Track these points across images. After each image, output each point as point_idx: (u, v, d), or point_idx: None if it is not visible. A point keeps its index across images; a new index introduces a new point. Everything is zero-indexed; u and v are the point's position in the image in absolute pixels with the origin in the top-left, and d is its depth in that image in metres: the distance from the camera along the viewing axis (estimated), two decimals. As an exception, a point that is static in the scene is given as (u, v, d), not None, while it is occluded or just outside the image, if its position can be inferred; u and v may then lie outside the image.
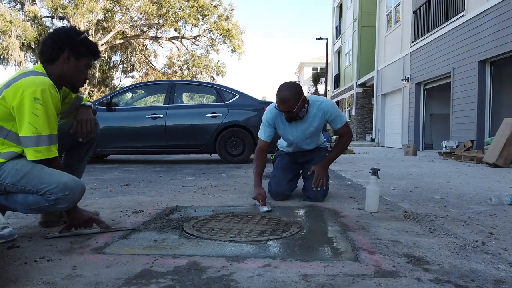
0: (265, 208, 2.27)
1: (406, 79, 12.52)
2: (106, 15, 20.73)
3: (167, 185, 3.53)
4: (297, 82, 2.51)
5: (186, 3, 21.57)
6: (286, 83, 2.47)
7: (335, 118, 2.60)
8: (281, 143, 2.94)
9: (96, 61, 1.92)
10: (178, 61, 24.28)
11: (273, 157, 3.17)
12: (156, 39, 23.37)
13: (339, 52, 24.60)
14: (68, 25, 18.54)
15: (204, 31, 23.05)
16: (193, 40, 23.58)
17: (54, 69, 1.69)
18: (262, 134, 2.65)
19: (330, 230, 1.87)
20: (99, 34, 20.91)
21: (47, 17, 20.44)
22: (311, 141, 2.76)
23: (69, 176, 1.59)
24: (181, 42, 23.85)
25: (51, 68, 1.69)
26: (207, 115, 5.86)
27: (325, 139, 3.01)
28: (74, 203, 1.61)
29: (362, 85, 19.31)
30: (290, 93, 2.37)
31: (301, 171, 2.88)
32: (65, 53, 1.68)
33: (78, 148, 1.94)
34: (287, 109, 2.41)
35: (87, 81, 1.88)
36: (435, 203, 2.61)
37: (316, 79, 32.39)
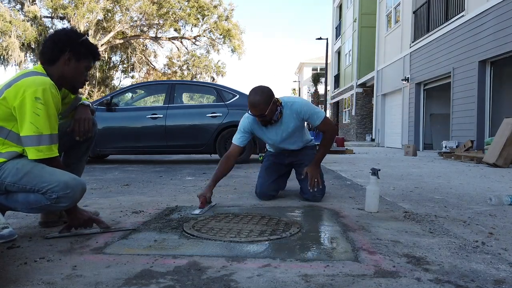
0: (196, 211, 2.21)
1: (406, 79, 12.52)
2: (106, 15, 20.74)
3: (167, 185, 3.53)
4: (267, 86, 2.49)
5: (186, 3, 21.58)
6: (256, 88, 2.47)
7: (311, 116, 2.57)
8: (269, 146, 2.98)
9: (95, 63, 1.93)
10: (178, 61, 24.29)
11: (261, 158, 3.19)
12: (156, 39, 23.38)
13: (339, 52, 24.60)
14: (68, 25, 18.61)
15: (204, 31, 23.07)
16: (193, 40, 23.59)
17: (54, 70, 1.70)
18: (236, 138, 2.65)
19: (330, 230, 1.87)
20: (99, 34, 20.92)
21: (47, 17, 20.47)
22: (294, 141, 2.76)
23: (70, 175, 1.60)
24: (181, 42, 23.88)
25: (51, 69, 1.69)
26: (207, 115, 5.86)
27: (313, 138, 2.99)
28: (75, 202, 1.61)
29: (362, 85, 19.31)
30: (260, 97, 2.39)
31: (295, 174, 2.88)
32: (66, 54, 1.69)
33: (76, 148, 1.95)
34: (258, 113, 2.42)
35: (87, 82, 1.89)
36: (435, 203, 2.61)
37: (316, 79, 32.41)
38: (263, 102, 2.38)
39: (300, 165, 2.79)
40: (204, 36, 23.29)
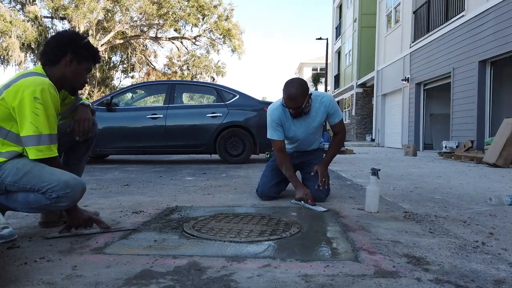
0: (321, 208, 2.29)
1: (406, 79, 12.52)
2: (106, 15, 20.74)
3: (167, 185, 3.53)
4: (302, 78, 2.53)
5: (186, 3, 21.57)
6: (293, 80, 2.49)
7: (335, 112, 2.65)
8: None
9: (95, 65, 1.94)
10: (178, 61, 24.28)
11: (268, 155, 3.19)
12: (156, 39, 23.37)
13: (339, 52, 24.60)
14: (69, 25, 18.62)
15: (204, 31, 23.06)
16: (193, 40, 23.58)
17: (55, 71, 1.70)
18: (275, 135, 2.62)
19: (330, 230, 1.87)
20: (99, 34, 20.91)
21: (47, 17, 20.46)
22: (314, 140, 2.79)
23: (70, 174, 1.60)
24: (181, 42, 23.86)
25: (52, 70, 1.70)
26: (207, 115, 5.87)
27: (322, 140, 3.02)
28: (75, 201, 1.61)
29: (362, 85, 19.31)
30: (298, 90, 2.41)
31: (301, 173, 2.88)
32: (68, 56, 1.71)
33: (76, 148, 1.95)
34: (296, 105, 2.44)
35: (87, 84, 1.90)
36: (435, 203, 2.61)
37: (316, 79, 32.39)
38: (301, 94, 2.42)
39: (309, 165, 2.79)
40: (204, 36, 23.28)
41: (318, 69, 37.22)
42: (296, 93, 2.41)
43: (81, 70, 1.76)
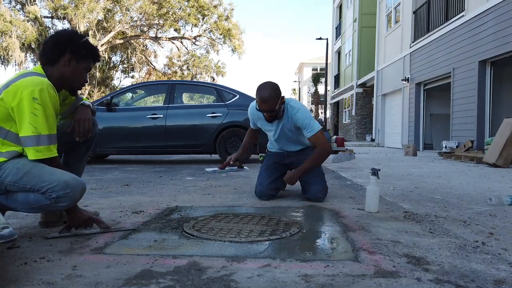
0: (210, 169, 2.29)
1: (406, 79, 12.52)
2: (106, 15, 20.74)
3: (167, 185, 3.53)
4: (275, 82, 2.53)
5: (186, 3, 21.57)
6: (266, 83, 2.50)
7: (305, 127, 2.53)
8: (270, 144, 2.98)
9: (95, 64, 1.93)
10: (178, 61, 24.29)
11: (261, 158, 3.20)
12: (156, 39, 23.37)
13: (339, 52, 24.59)
14: (69, 25, 18.60)
15: (204, 31, 23.06)
16: (193, 40, 23.58)
17: (54, 71, 1.70)
18: (250, 124, 2.90)
19: (330, 230, 1.87)
20: (99, 34, 20.91)
21: (47, 17, 20.46)
22: (291, 142, 2.78)
23: (70, 174, 1.60)
24: (181, 42, 23.87)
25: (51, 70, 1.70)
26: (207, 115, 5.86)
27: None
28: (74, 201, 1.61)
29: (362, 85, 19.31)
30: (271, 92, 2.42)
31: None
32: (67, 55, 1.70)
33: (77, 148, 1.95)
34: (268, 108, 2.44)
35: (87, 83, 1.89)
36: (435, 203, 2.61)
37: (316, 79, 32.40)
38: (273, 97, 2.42)
39: (296, 163, 2.78)
40: (204, 36, 23.28)
41: (318, 69, 37.23)
42: (269, 95, 2.40)
43: (80, 69, 1.75)
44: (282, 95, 2.49)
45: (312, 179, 2.64)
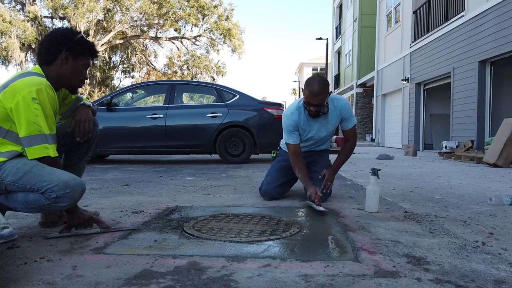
0: (321, 208, 2.23)
1: (406, 79, 12.52)
2: (106, 15, 20.74)
3: (167, 185, 3.53)
4: (323, 76, 2.52)
5: (186, 3, 21.57)
6: (315, 77, 2.47)
7: (349, 117, 2.63)
8: (283, 144, 2.93)
9: (95, 61, 1.92)
10: (178, 61, 24.27)
11: (274, 154, 3.17)
12: (156, 39, 23.37)
13: (339, 52, 24.59)
14: (68, 25, 18.58)
15: (204, 31, 23.06)
16: (193, 40, 23.58)
17: (52, 70, 1.69)
18: (290, 139, 2.59)
19: (330, 230, 1.87)
20: (99, 34, 20.92)
21: (47, 17, 20.46)
22: (326, 141, 2.79)
23: (70, 174, 1.60)
24: (181, 42, 23.86)
25: (49, 69, 1.69)
26: (207, 115, 5.86)
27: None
28: (74, 201, 1.61)
29: (362, 85, 19.30)
30: (321, 86, 2.38)
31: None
32: (63, 54, 1.68)
33: (77, 148, 1.94)
34: (319, 102, 2.40)
35: (87, 82, 1.89)
36: (435, 203, 2.61)
37: (316, 79, 32.31)
38: (323, 91, 2.39)
39: (314, 164, 2.78)
40: (204, 36, 23.28)
41: (318, 69, 37.22)
42: (319, 89, 2.37)
43: (78, 67, 1.73)
44: (330, 90, 2.47)
45: (319, 178, 2.64)
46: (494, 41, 7.85)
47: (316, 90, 2.37)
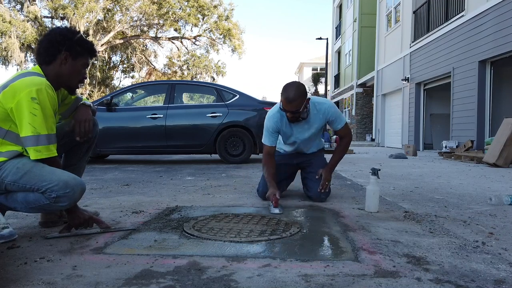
0: (276, 210, 2.23)
1: (406, 79, 12.53)
2: (106, 15, 20.74)
3: (167, 185, 3.53)
4: (301, 82, 2.51)
5: (186, 3, 21.57)
6: (291, 83, 2.46)
7: (336, 119, 2.61)
8: (279, 144, 2.93)
9: (94, 60, 1.92)
10: (178, 61, 24.27)
11: None
12: (156, 39, 23.37)
13: (339, 52, 24.59)
14: (68, 25, 18.57)
15: (204, 31, 23.05)
16: (193, 40, 23.58)
17: (51, 70, 1.69)
18: (267, 140, 2.61)
19: (330, 230, 1.87)
20: (99, 34, 20.91)
21: (47, 17, 20.46)
22: (313, 143, 2.77)
23: (70, 174, 1.60)
24: (181, 42, 23.86)
25: (48, 69, 1.69)
26: (207, 115, 5.86)
27: (322, 140, 3.01)
28: (74, 201, 1.61)
29: (362, 85, 19.30)
30: (296, 93, 2.37)
31: (300, 172, 2.88)
32: (62, 54, 1.68)
33: (77, 148, 1.94)
34: (293, 109, 2.40)
35: (87, 81, 1.89)
36: (435, 203, 2.61)
37: (316, 79, 32.40)
38: (299, 97, 2.37)
39: (309, 165, 2.78)
40: (204, 36, 23.28)
41: (318, 69, 37.20)
42: (294, 96, 2.36)
43: (77, 67, 1.73)
44: (307, 96, 2.45)
45: (316, 178, 2.64)
46: (494, 41, 7.85)
47: (291, 97, 2.36)
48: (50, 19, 20.38)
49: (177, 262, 1.37)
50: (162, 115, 5.80)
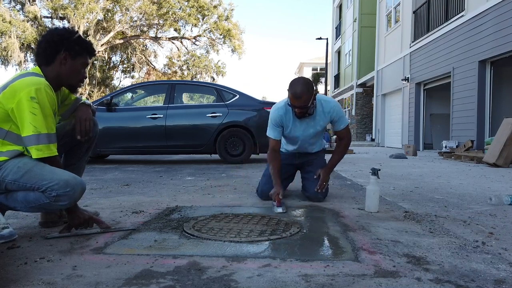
0: (279, 209, 2.24)
1: (406, 79, 12.53)
2: (106, 15, 20.74)
3: (167, 185, 3.53)
4: (308, 78, 2.51)
5: (186, 3, 21.58)
6: (299, 78, 2.46)
7: (340, 119, 2.62)
8: (281, 144, 2.93)
9: (94, 60, 1.92)
10: (178, 61, 24.28)
11: None
12: (156, 39, 23.37)
13: (339, 52, 24.59)
14: (68, 25, 18.58)
15: (204, 31, 23.06)
16: (193, 40, 23.59)
17: (51, 71, 1.70)
18: (272, 133, 2.62)
19: (330, 230, 1.87)
20: (99, 34, 20.91)
21: (47, 17, 20.45)
22: (315, 142, 2.77)
23: (70, 173, 1.60)
24: (181, 42, 23.87)
25: (48, 69, 1.69)
26: (207, 115, 5.86)
27: (324, 141, 3.01)
28: (74, 200, 1.61)
29: (362, 85, 19.31)
30: (304, 88, 2.37)
31: (300, 172, 2.88)
32: (61, 54, 1.69)
33: (77, 148, 1.95)
34: (301, 104, 2.40)
35: (87, 81, 1.89)
36: (435, 203, 2.61)
37: (316, 79, 32.35)
38: (307, 93, 2.37)
39: (309, 164, 2.78)
40: (204, 36, 23.28)
41: (318, 69, 37.18)
42: (302, 91, 2.36)
43: (77, 66, 1.74)
44: (315, 92, 2.45)
45: (314, 178, 2.64)
46: (494, 41, 7.85)
47: (299, 92, 2.36)
48: (50, 19, 20.38)
49: (177, 262, 1.37)
50: (162, 115, 5.80)
